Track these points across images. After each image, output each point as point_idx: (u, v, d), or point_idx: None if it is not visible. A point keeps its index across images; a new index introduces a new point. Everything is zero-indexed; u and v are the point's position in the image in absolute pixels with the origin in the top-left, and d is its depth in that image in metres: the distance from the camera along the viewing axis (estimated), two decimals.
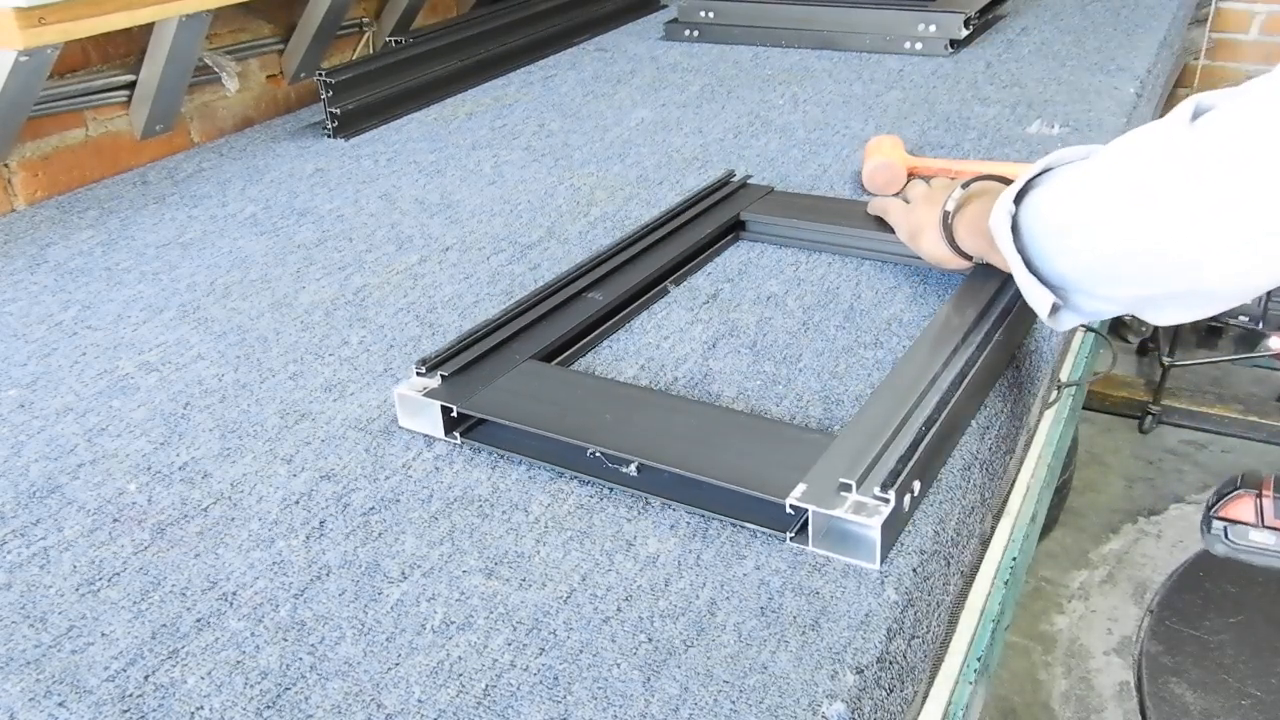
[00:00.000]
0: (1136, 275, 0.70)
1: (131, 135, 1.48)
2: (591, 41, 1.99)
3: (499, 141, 1.49)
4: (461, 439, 0.82)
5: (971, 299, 0.91)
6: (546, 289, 0.97)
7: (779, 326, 0.97)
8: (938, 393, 0.78)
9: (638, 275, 1.01)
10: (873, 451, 0.72)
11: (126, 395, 0.92)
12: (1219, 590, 2.00)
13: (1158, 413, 2.54)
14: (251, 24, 1.64)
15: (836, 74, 1.69)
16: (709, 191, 1.19)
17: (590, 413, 0.80)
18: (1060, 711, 1.86)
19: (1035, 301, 0.78)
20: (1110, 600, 2.07)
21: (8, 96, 1.21)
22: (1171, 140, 0.66)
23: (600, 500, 0.75)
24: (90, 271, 1.17)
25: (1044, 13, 1.95)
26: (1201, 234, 0.64)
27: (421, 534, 0.73)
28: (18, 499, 0.79)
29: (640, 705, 0.59)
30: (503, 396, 0.83)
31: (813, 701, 0.58)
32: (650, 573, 0.68)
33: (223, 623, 0.66)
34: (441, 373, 0.84)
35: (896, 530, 0.70)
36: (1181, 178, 0.65)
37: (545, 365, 0.88)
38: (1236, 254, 0.63)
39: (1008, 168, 1.24)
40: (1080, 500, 2.33)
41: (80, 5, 1.17)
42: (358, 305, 1.06)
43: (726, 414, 0.82)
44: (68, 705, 0.61)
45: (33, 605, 0.69)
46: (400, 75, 1.64)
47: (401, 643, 0.64)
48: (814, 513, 0.68)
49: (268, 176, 1.42)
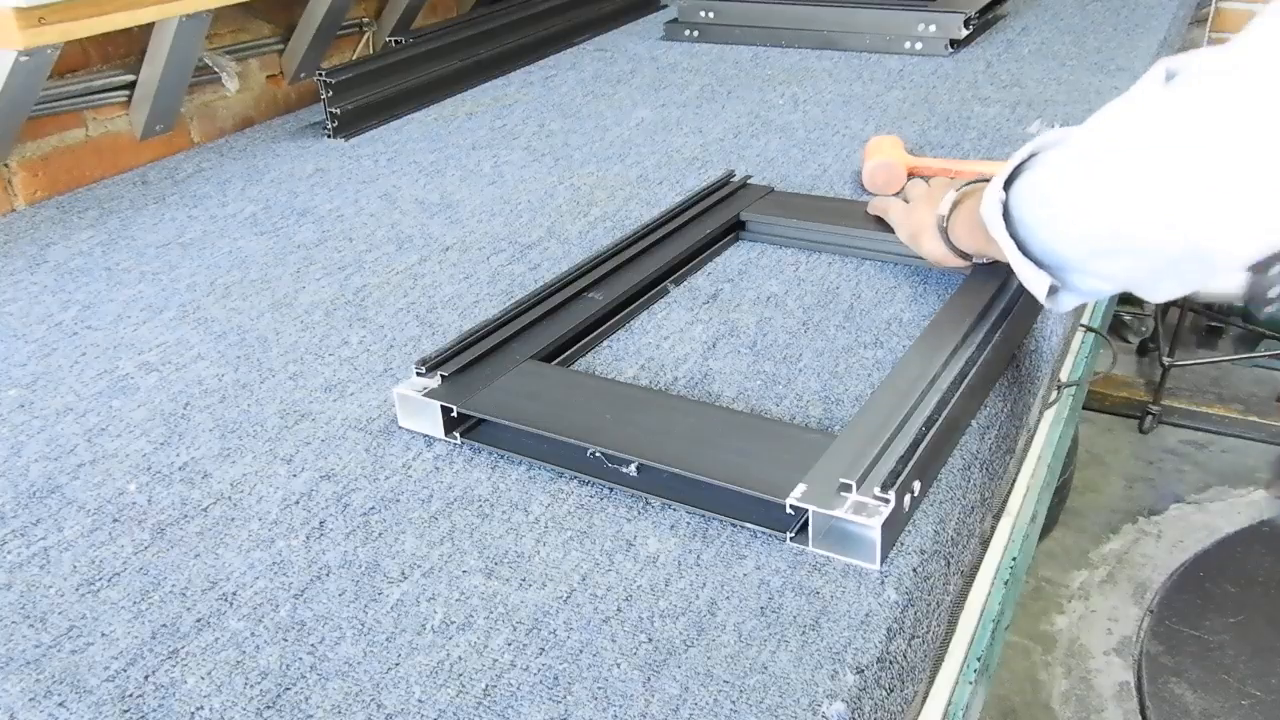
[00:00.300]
0: (1127, 245, 0.69)
1: (131, 135, 1.48)
2: (591, 41, 1.99)
3: (499, 141, 1.49)
4: (461, 439, 0.82)
5: (971, 299, 0.91)
6: (546, 289, 0.97)
7: (779, 326, 0.97)
8: (938, 393, 0.78)
9: (637, 275, 1.01)
10: (873, 452, 0.72)
11: (126, 395, 0.92)
12: (1219, 590, 2.00)
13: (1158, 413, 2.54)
14: (251, 24, 1.64)
15: (836, 74, 1.69)
16: (709, 191, 1.19)
17: (590, 413, 0.80)
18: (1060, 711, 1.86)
19: (1032, 284, 0.78)
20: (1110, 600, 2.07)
21: (8, 96, 1.21)
22: (1147, 105, 0.67)
23: (600, 500, 0.75)
24: (90, 271, 1.17)
25: (1044, 13, 1.95)
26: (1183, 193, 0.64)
27: (421, 534, 0.73)
28: (18, 499, 0.79)
29: (640, 705, 0.59)
30: (503, 396, 0.83)
31: (813, 701, 0.58)
32: (650, 573, 0.68)
33: (223, 623, 0.66)
34: (441, 373, 0.84)
35: (896, 530, 0.70)
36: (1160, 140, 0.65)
37: (545, 365, 0.88)
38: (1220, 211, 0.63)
39: None
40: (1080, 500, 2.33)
41: (80, 5, 1.17)
42: (358, 305, 1.06)
43: (726, 414, 0.82)
44: (68, 705, 0.61)
45: (33, 605, 0.69)
46: (400, 75, 1.64)
47: (401, 643, 0.64)
48: (814, 513, 0.68)
49: (268, 176, 1.42)
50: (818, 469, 0.71)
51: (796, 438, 0.78)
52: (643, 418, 0.80)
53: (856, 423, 0.76)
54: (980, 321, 0.88)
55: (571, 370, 0.91)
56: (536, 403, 0.82)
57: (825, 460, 0.72)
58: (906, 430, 0.74)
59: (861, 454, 0.71)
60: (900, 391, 0.78)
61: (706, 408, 0.83)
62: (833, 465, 0.71)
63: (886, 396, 0.78)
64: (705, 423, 0.79)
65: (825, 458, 0.72)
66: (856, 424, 0.76)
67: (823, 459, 0.72)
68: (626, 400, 0.83)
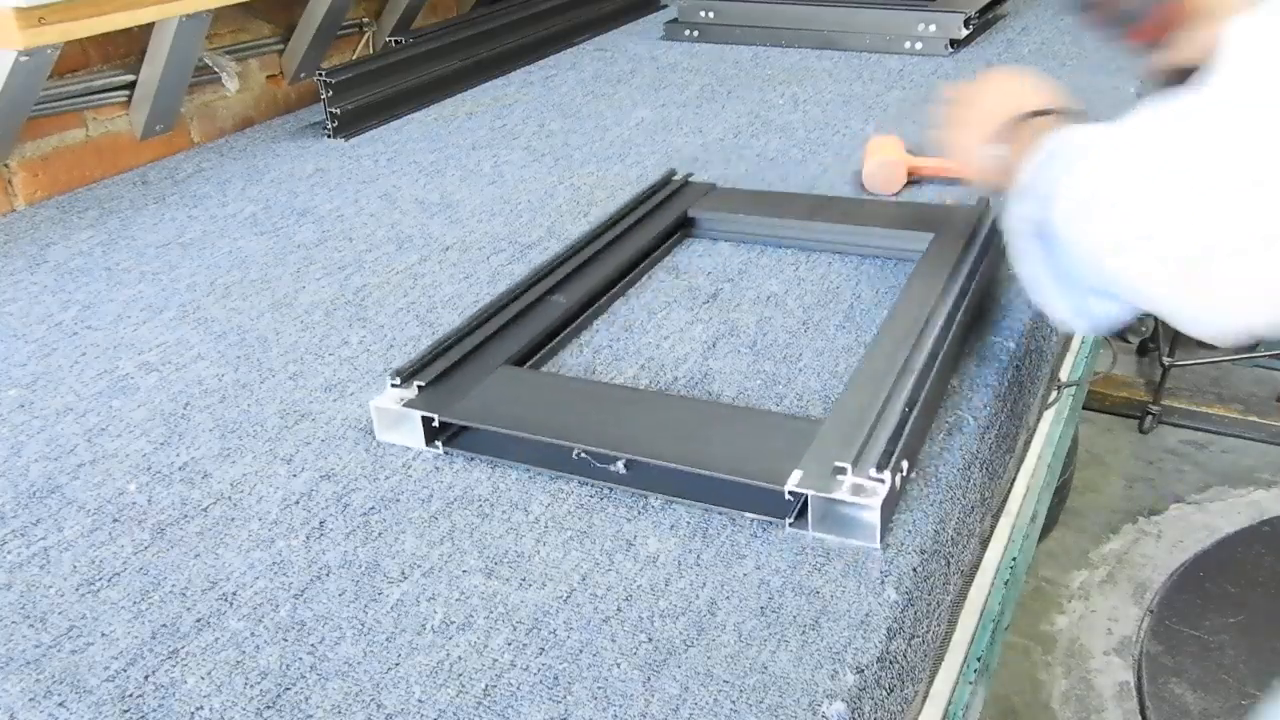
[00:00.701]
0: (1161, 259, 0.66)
1: (131, 135, 1.48)
2: (591, 41, 1.99)
3: (499, 141, 1.49)
4: (444, 448, 0.82)
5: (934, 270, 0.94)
6: (508, 295, 0.97)
7: (779, 326, 0.97)
8: (913, 373, 0.79)
9: (596, 277, 1.02)
10: (861, 434, 0.73)
11: (126, 395, 0.92)
12: (1219, 590, 2.00)
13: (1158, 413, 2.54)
14: (251, 24, 1.64)
15: (836, 74, 1.69)
16: (653, 191, 1.20)
17: (573, 413, 0.81)
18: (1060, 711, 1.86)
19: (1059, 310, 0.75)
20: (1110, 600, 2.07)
21: (8, 96, 1.21)
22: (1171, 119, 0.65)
23: (600, 500, 0.75)
24: (90, 271, 1.17)
25: (1044, 13, 1.95)
26: None
27: (421, 534, 0.73)
28: (18, 499, 0.79)
29: (640, 705, 0.59)
30: (483, 403, 0.82)
31: (813, 701, 0.58)
32: (650, 572, 0.68)
33: (223, 623, 0.66)
34: (418, 382, 0.83)
35: (892, 509, 0.71)
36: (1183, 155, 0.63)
37: (520, 369, 0.88)
38: None
39: None
40: (1080, 500, 2.33)
41: (80, 5, 1.17)
42: (358, 305, 1.05)
43: (708, 406, 0.83)
44: (68, 705, 0.61)
45: (33, 605, 0.69)
46: (400, 75, 1.64)
47: (401, 643, 0.64)
48: (813, 497, 0.69)
49: (268, 176, 1.42)
50: (810, 454, 0.72)
51: (782, 425, 0.79)
52: (626, 415, 0.80)
53: (840, 407, 0.77)
54: (944, 295, 0.90)
55: (548, 373, 0.91)
56: (519, 407, 0.82)
57: (816, 445, 0.73)
58: (890, 411, 0.75)
59: (851, 437, 0.72)
60: (877, 373, 0.80)
61: (686, 401, 0.84)
62: (825, 449, 0.72)
63: (865, 379, 0.80)
64: (688, 416, 0.80)
65: (816, 443, 0.73)
66: (840, 408, 0.77)
67: (814, 444, 0.73)
68: (607, 399, 0.83)
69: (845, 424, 0.74)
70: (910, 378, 0.78)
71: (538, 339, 0.93)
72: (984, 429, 0.83)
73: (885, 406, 0.76)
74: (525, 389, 0.85)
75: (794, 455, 0.72)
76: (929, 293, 0.91)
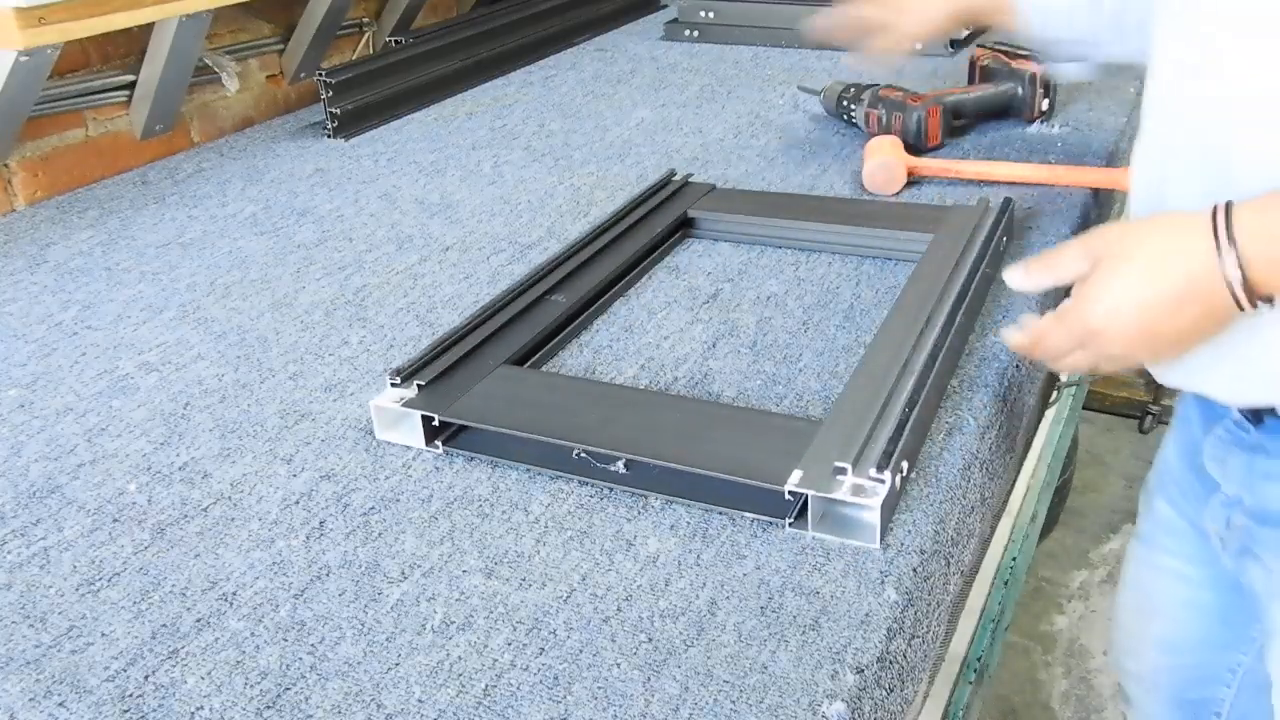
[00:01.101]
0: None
1: (131, 135, 1.48)
2: (591, 41, 1.99)
3: (499, 141, 1.49)
4: (444, 447, 0.82)
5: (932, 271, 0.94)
6: (507, 294, 0.97)
7: (779, 326, 0.97)
8: (913, 373, 0.79)
9: (596, 277, 1.02)
10: (861, 434, 0.73)
11: (126, 395, 0.92)
12: None
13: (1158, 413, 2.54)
14: (251, 24, 1.64)
15: (836, 74, 1.69)
16: (653, 191, 1.20)
17: (573, 413, 0.81)
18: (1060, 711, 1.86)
19: None
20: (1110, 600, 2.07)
21: (8, 96, 1.21)
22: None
23: (600, 500, 0.75)
24: (90, 271, 1.17)
25: None
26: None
27: (421, 534, 0.73)
28: (18, 499, 0.79)
29: (640, 705, 0.59)
30: (483, 402, 0.82)
31: (813, 701, 0.58)
32: (650, 572, 0.68)
33: (223, 623, 0.66)
34: (418, 381, 0.83)
35: (892, 510, 0.71)
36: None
37: (519, 369, 0.88)
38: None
39: (1006, 167, 1.24)
40: (1080, 500, 2.33)
41: (80, 5, 1.17)
42: (358, 305, 1.06)
43: (708, 406, 0.83)
44: (68, 705, 0.61)
45: (33, 605, 0.69)
46: (400, 75, 1.64)
47: (401, 643, 0.64)
48: (813, 497, 0.69)
49: (268, 176, 1.42)
50: (810, 454, 0.72)
51: (782, 425, 0.79)
52: (626, 415, 0.80)
53: (839, 407, 0.77)
54: (944, 296, 0.90)
55: (548, 372, 0.91)
56: (519, 406, 0.82)
57: (816, 445, 0.73)
58: (890, 411, 0.75)
59: (851, 437, 0.73)
60: (877, 373, 0.80)
61: (685, 401, 0.84)
62: (825, 449, 0.72)
63: (865, 379, 0.80)
64: (687, 416, 0.80)
65: (816, 443, 0.73)
66: (839, 409, 0.77)
67: (814, 444, 0.73)
68: (607, 399, 0.83)
69: (845, 424, 0.74)
70: (910, 378, 0.79)
71: (537, 339, 0.93)
72: (984, 429, 0.83)
73: (885, 407, 0.76)
74: (525, 389, 0.85)
75: (794, 455, 0.72)
76: (929, 293, 0.91)
